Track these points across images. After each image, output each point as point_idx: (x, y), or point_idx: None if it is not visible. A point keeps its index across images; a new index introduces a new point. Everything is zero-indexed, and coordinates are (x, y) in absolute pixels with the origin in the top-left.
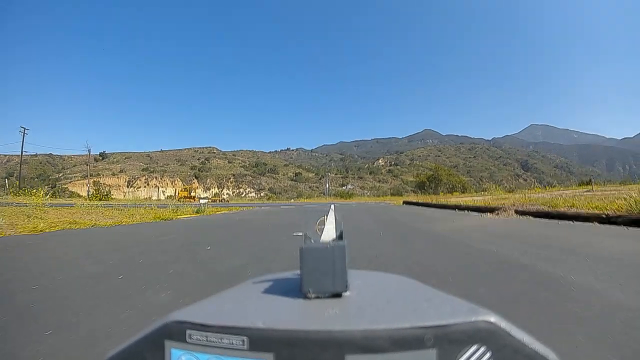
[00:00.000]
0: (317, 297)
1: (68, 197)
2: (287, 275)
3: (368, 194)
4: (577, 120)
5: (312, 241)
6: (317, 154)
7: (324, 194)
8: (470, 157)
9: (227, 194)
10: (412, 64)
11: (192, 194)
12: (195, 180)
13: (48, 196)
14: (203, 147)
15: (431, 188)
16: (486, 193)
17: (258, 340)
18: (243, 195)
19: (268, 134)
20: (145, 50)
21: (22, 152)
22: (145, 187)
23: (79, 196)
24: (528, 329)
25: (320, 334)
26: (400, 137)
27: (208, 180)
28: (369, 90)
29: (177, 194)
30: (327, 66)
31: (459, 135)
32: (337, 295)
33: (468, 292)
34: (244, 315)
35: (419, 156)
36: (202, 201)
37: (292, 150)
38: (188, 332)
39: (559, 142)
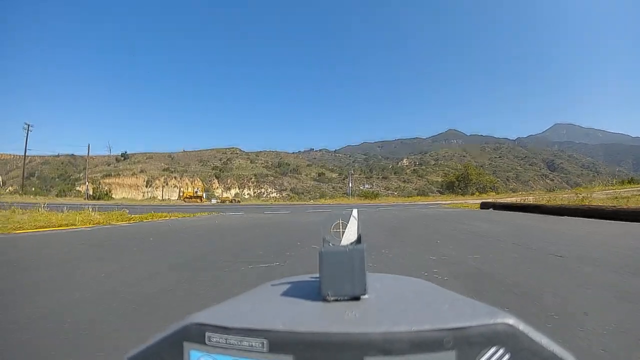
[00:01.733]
0: (336, 300)
1: (75, 197)
2: (306, 278)
3: (395, 194)
4: (601, 119)
5: (331, 245)
6: (340, 155)
7: (347, 195)
8: (495, 157)
9: (248, 194)
10: (436, 64)
11: (199, 193)
12: (216, 181)
13: (52, 196)
14: (226, 148)
15: (460, 188)
16: (523, 193)
17: (278, 342)
18: (265, 196)
19: (292, 135)
20: (175, 52)
21: (25, 150)
22: (164, 187)
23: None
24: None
25: (339, 336)
26: (424, 138)
27: (229, 180)
28: (393, 90)
29: (182, 193)
30: (351, 66)
31: (483, 135)
32: (356, 298)
33: None
34: (264, 317)
35: (444, 156)
36: (212, 201)
37: (316, 150)
38: (207, 334)
39: (584, 142)
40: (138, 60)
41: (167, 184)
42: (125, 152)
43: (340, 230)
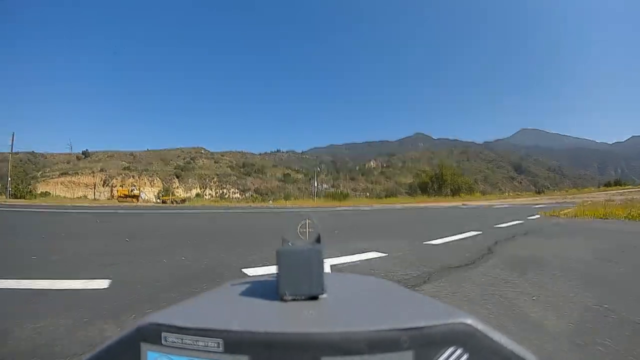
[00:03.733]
0: (294, 300)
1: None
2: (264, 278)
3: (363, 195)
4: (567, 125)
5: (290, 244)
6: (307, 156)
7: (312, 196)
8: (463, 160)
9: (209, 194)
10: (403, 67)
11: (135, 192)
12: (176, 180)
13: None
14: (191, 148)
15: (434, 189)
16: (501, 194)
17: (233, 342)
18: (227, 196)
19: (258, 136)
20: (142, 51)
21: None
22: (122, 186)
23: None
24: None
25: (296, 336)
26: (392, 140)
27: (190, 181)
28: (360, 92)
29: (115, 192)
30: (318, 68)
31: (451, 138)
32: (314, 297)
33: None
34: (220, 317)
35: (412, 158)
36: (157, 200)
37: (282, 152)
38: (164, 334)
39: (550, 146)
40: (107, 57)
41: (124, 184)
42: (87, 150)
43: (305, 230)
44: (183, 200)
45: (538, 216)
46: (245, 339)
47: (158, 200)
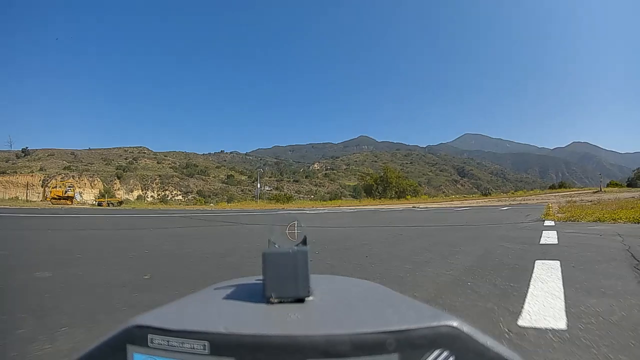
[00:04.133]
0: (280, 302)
1: None
2: (250, 281)
3: (305, 198)
4: (510, 131)
5: (277, 246)
6: (251, 158)
7: (255, 198)
8: (407, 163)
9: (151, 196)
10: (348, 70)
11: (70, 193)
12: (117, 181)
13: None
14: (133, 147)
15: (378, 192)
16: (447, 197)
17: (219, 344)
18: (169, 198)
19: (203, 137)
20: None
21: None
22: (55, 187)
23: None
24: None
25: (281, 338)
26: (336, 143)
27: (131, 182)
28: (305, 95)
29: (49, 193)
30: (262, 70)
31: (394, 142)
32: (300, 300)
33: None
34: (206, 319)
35: (355, 161)
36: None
37: (227, 153)
38: (150, 336)
39: (493, 151)
40: (49, 50)
41: (63, 184)
42: (26, 148)
43: (291, 232)
44: (120, 203)
45: (552, 222)
46: (231, 341)
47: (94, 202)
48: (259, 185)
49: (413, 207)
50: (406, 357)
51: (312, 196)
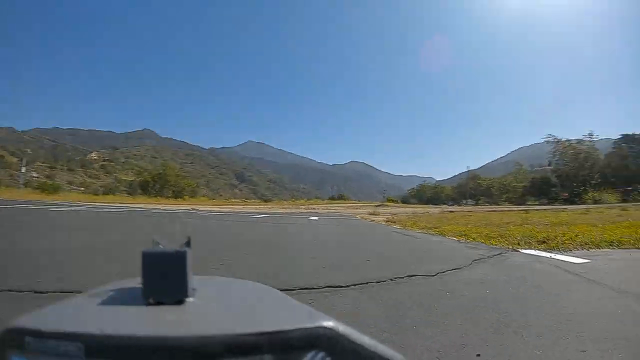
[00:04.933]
0: (159, 304)
1: None
2: (131, 283)
3: (76, 190)
4: (292, 143)
5: (161, 246)
6: (27, 137)
7: (19, 185)
8: (187, 163)
9: None
10: (137, 56)
11: None
12: None
13: None
14: None
15: (155, 190)
16: (228, 200)
17: (94, 346)
18: None
19: None
20: None
21: None
22: None
23: None
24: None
25: (154, 340)
26: (118, 132)
27: None
28: (87, 73)
29: None
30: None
31: (178, 140)
32: (180, 301)
33: None
34: (82, 321)
35: (135, 155)
36: None
37: (1, 128)
38: (27, 339)
39: (274, 160)
40: None
41: None
42: None
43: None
44: None
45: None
46: (105, 343)
47: None
48: (23, 170)
49: (192, 209)
50: (281, 358)
51: (84, 188)
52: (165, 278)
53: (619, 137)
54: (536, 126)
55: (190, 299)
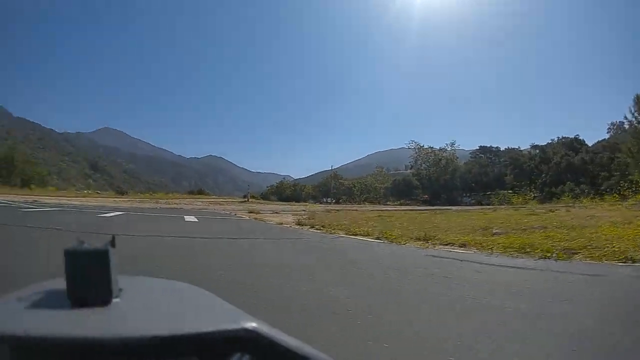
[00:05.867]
0: (83, 304)
1: None
2: (55, 283)
3: None
4: (150, 133)
5: (85, 245)
6: None
7: None
8: (39, 148)
9: None
10: None
11: None
12: None
13: None
14: None
15: (1, 176)
16: (80, 192)
17: (20, 348)
18: None
19: None
20: None
21: None
22: None
23: None
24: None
25: (78, 340)
26: None
27: None
28: None
29: None
30: None
31: (32, 120)
32: (106, 302)
33: None
34: (6, 322)
35: None
36: None
37: None
38: None
39: (131, 151)
40: None
41: None
42: None
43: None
44: None
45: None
46: (29, 344)
47: None
48: None
49: (34, 201)
50: None
51: None
52: (89, 278)
53: (477, 148)
54: (392, 134)
55: (116, 300)
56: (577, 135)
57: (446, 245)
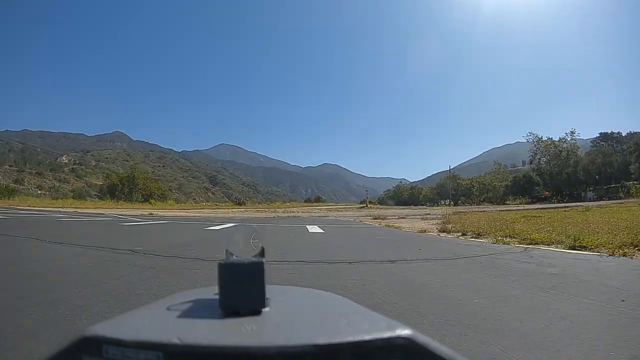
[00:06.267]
0: (236, 314)
1: None
2: (207, 292)
3: (45, 195)
4: (265, 146)
5: (234, 257)
6: None
7: None
8: (159, 166)
9: None
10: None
11: None
12: None
13: None
14: None
15: (124, 194)
16: (197, 204)
17: (173, 356)
18: None
19: None
20: None
21: None
22: None
23: None
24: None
25: (234, 350)
26: (89, 135)
27: None
28: (64, 77)
29: None
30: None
31: (150, 142)
32: (256, 311)
33: None
34: (160, 330)
35: (107, 158)
36: None
37: None
38: (105, 346)
39: (247, 163)
40: None
41: None
42: None
43: (250, 242)
44: None
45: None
46: (184, 353)
47: None
48: None
49: (150, 214)
50: None
51: (55, 193)
52: (241, 288)
53: (597, 135)
54: (507, 128)
55: (266, 309)
56: None
57: None
